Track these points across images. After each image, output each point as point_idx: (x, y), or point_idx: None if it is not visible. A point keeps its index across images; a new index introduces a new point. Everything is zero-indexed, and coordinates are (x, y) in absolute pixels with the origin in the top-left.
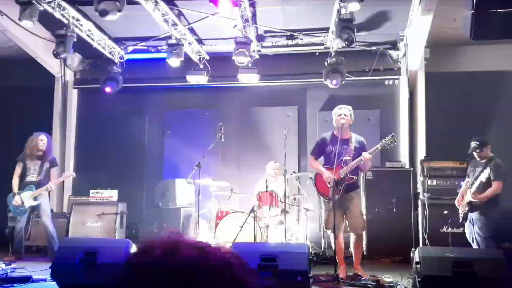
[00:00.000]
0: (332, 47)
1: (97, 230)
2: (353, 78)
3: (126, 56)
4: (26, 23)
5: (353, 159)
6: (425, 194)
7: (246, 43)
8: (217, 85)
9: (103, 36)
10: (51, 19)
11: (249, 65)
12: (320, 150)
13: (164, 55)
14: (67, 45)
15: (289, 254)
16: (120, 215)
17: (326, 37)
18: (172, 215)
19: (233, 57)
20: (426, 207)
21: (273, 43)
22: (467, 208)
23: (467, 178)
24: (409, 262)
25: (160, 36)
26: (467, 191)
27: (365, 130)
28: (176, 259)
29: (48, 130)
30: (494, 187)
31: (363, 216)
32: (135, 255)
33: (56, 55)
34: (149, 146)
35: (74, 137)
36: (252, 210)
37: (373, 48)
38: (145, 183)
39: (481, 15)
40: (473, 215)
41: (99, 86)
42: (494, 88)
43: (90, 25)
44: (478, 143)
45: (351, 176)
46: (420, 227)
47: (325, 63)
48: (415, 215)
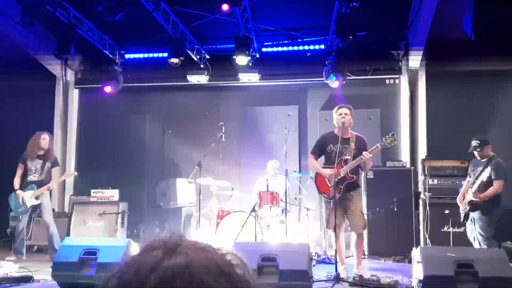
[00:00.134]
0: (333, 46)
1: (98, 230)
2: (354, 77)
3: (127, 56)
4: (27, 23)
5: (354, 158)
6: (426, 193)
7: (247, 43)
8: (218, 84)
9: (104, 36)
10: (52, 19)
11: (250, 64)
12: (321, 149)
13: (164, 55)
14: (68, 45)
15: (289, 253)
16: (121, 215)
17: (326, 36)
18: (173, 214)
19: (234, 57)
20: (427, 207)
21: (274, 43)
22: (468, 207)
23: (468, 177)
24: (410, 261)
25: (161, 35)
26: (468, 191)
27: (366, 129)
28: (176, 259)
29: (49, 130)
30: (495, 186)
31: (364, 215)
32: (136, 255)
33: (57, 55)
34: (150, 146)
35: (75, 137)
36: (253, 210)
37: (373, 47)
38: (146, 183)
39: (481, 15)
40: (474, 214)
41: (100, 86)
42: (494, 88)
43: (91, 25)
44: (479, 142)
45: (352, 175)
46: (421, 227)
47: (326, 62)
48: (416, 214)
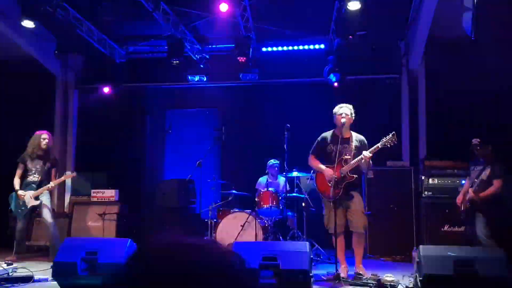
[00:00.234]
0: (333, 46)
1: (98, 230)
2: (354, 76)
3: (127, 56)
4: (27, 23)
5: (354, 158)
6: (426, 193)
7: (247, 43)
8: (218, 84)
9: (104, 36)
10: (52, 19)
11: (250, 64)
12: (321, 149)
13: (164, 55)
14: (67, 45)
15: (290, 253)
16: (121, 215)
17: (326, 36)
18: (173, 214)
19: (234, 56)
20: (427, 206)
21: (274, 42)
22: (468, 206)
23: (468, 177)
24: (410, 261)
25: (161, 35)
26: (468, 190)
27: (366, 129)
28: (177, 259)
29: (49, 129)
30: (495, 185)
31: (364, 215)
32: (136, 255)
33: (57, 55)
34: (150, 146)
35: (75, 137)
36: (253, 209)
37: (373, 46)
38: (146, 183)
39: (482, 15)
40: (475, 213)
41: (100, 86)
42: (495, 87)
43: (90, 25)
44: (479, 142)
45: (352, 175)
46: (421, 226)
47: (326, 61)
48: (416, 214)
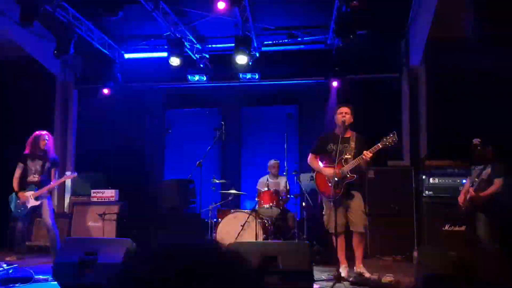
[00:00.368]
0: (333, 45)
1: (98, 230)
2: (354, 76)
3: (127, 56)
4: (27, 23)
5: (354, 157)
6: (427, 192)
7: (247, 42)
8: (218, 84)
9: (103, 36)
10: (51, 19)
11: (250, 64)
12: (321, 148)
13: (164, 54)
14: (67, 45)
15: (290, 253)
16: (121, 215)
17: (326, 35)
18: (173, 214)
19: (234, 56)
20: (428, 206)
21: (274, 42)
22: (469, 206)
23: (469, 176)
24: (410, 261)
25: (161, 35)
26: (469, 189)
27: (366, 128)
28: (177, 259)
29: (48, 130)
30: (496, 185)
31: (365, 214)
32: (136, 255)
33: (56, 55)
34: (150, 146)
35: (75, 137)
36: (253, 209)
37: (374, 46)
38: (146, 183)
39: (482, 14)
40: (476, 213)
41: (100, 85)
42: (495, 87)
43: (90, 25)
44: (479, 142)
45: (352, 175)
46: (421, 226)
47: (326, 61)
48: (417, 213)
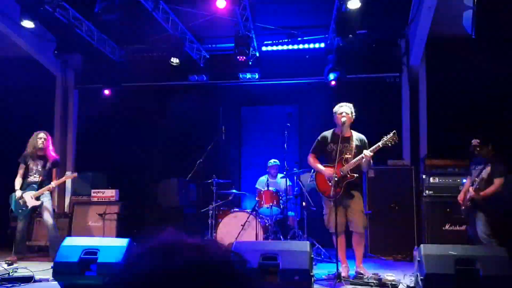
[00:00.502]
0: (333, 45)
1: (99, 230)
2: (354, 75)
3: (127, 56)
4: (27, 23)
5: (354, 157)
6: (427, 192)
7: (246, 42)
8: (218, 83)
9: (104, 36)
10: (51, 19)
11: (249, 63)
12: (321, 148)
13: (164, 54)
14: (67, 45)
15: (290, 253)
16: (121, 215)
17: (326, 35)
18: (173, 214)
19: (234, 56)
20: (428, 205)
21: (274, 41)
22: (469, 205)
23: (469, 175)
24: (411, 260)
25: (160, 35)
26: (469, 189)
27: (367, 128)
28: (176, 259)
29: (48, 130)
30: (496, 184)
31: (365, 214)
32: (136, 255)
33: (56, 55)
34: (150, 145)
35: (75, 137)
36: (254, 209)
37: (374, 45)
38: (146, 182)
39: (482, 14)
40: (476, 212)
41: (100, 86)
42: (495, 86)
43: (90, 25)
44: (480, 141)
45: (352, 174)
46: (422, 225)
47: (326, 61)
48: (417, 213)
